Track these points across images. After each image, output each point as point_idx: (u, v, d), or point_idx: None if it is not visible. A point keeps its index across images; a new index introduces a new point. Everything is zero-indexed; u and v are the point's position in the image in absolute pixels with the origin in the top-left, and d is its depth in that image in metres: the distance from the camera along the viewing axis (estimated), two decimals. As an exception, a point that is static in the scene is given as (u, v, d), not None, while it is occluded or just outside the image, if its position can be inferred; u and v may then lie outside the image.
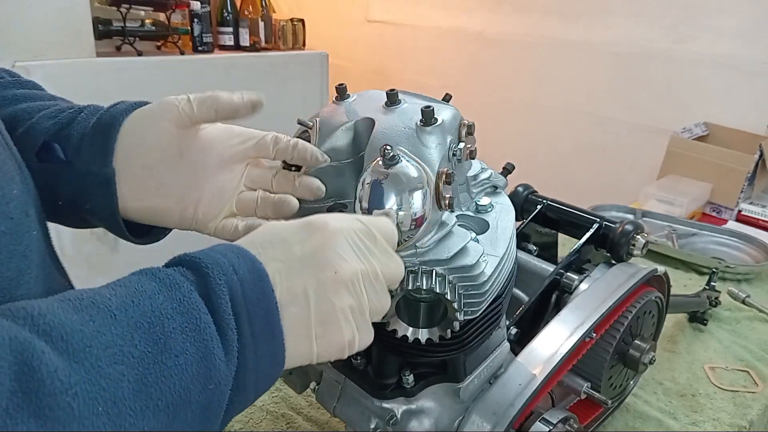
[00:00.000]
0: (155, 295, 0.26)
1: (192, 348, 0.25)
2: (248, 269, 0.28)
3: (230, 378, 0.27)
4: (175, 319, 0.25)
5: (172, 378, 0.24)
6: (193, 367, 0.25)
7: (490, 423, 0.45)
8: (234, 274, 0.27)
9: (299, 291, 0.30)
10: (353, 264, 0.31)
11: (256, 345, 0.28)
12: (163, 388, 0.24)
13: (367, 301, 0.32)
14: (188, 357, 0.25)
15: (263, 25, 1.89)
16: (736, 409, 0.71)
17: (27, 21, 1.31)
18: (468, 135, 0.41)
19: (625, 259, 0.60)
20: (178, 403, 0.24)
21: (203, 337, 0.25)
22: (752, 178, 1.30)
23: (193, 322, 0.25)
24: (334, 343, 0.31)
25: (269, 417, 0.67)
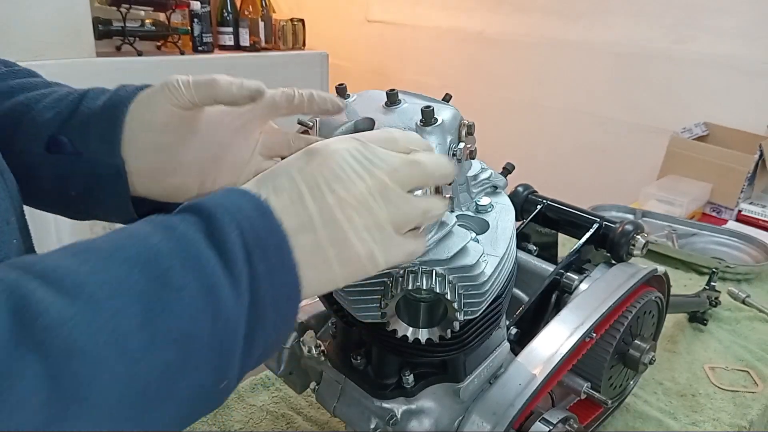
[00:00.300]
0: (150, 235, 0.25)
1: (194, 282, 0.24)
2: (253, 207, 0.28)
3: (242, 313, 0.26)
4: (173, 256, 0.24)
5: (177, 311, 0.23)
6: (198, 300, 0.24)
7: (490, 423, 0.45)
8: (239, 212, 0.27)
9: (305, 219, 0.29)
10: (355, 182, 0.30)
11: (272, 278, 0.27)
12: (169, 321, 0.23)
13: (383, 215, 0.31)
14: (191, 291, 0.24)
15: (263, 25, 1.90)
16: (736, 409, 0.71)
17: (27, 21, 1.31)
18: (468, 135, 0.41)
19: (625, 259, 0.60)
20: (187, 337, 0.24)
21: (205, 271, 0.25)
22: (752, 178, 1.30)
23: (193, 258, 0.25)
24: (352, 261, 0.30)
25: (269, 417, 0.67)
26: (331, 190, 0.30)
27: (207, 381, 0.25)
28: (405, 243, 0.32)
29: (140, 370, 0.22)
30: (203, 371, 0.25)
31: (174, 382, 0.24)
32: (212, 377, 0.25)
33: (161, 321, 0.23)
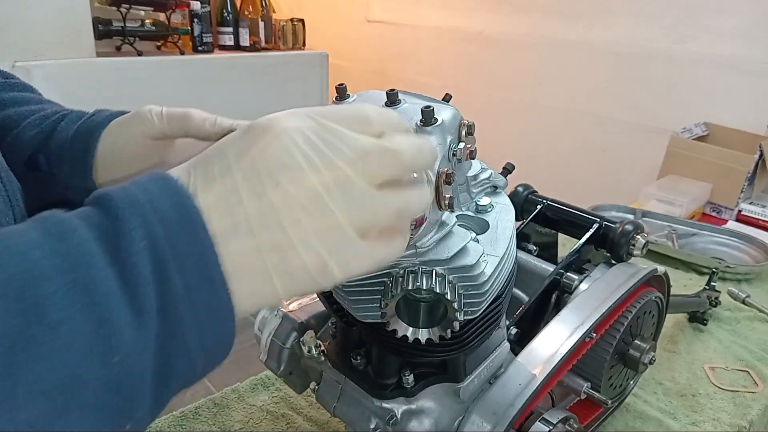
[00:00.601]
0: (33, 249, 0.20)
1: (79, 315, 0.19)
2: (172, 204, 0.22)
3: (148, 346, 0.21)
4: (55, 280, 0.19)
5: (50, 356, 0.19)
6: (80, 338, 0.19)
7: (490, 423, 0.45)
8: (153, 213, 0.22)
9: (240, 219, 0.24)
10: (307, 173, 0.24)
11: (191, 297, 0.22)
12: (37, 368, 0.19)
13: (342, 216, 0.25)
14: (73, 325, 0.19)
15: (263, 25, 1.90)
16: (736, 409, 0.71)
17: (27, 21, 1.32)
18: (468, 135, 0.41)
19: (625, 259, 0.60)
20: (67, 385, 0.19)
21: (94, 299, 0.20)
22: (752, 178, 1.30)
23: (79, 282, 0.20)
24: (297, 273, 0.24)
25: (269, 417, 0.67)
26: (275, 183, 0.24)
27: (102, 427, 0.21)
28: (372, 249, 0.26)
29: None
30: (93, 419, 0.20)
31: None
32: (109, 422, 0.21)
33: (26, 369, 0.18)
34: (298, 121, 0.25)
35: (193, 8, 1.72)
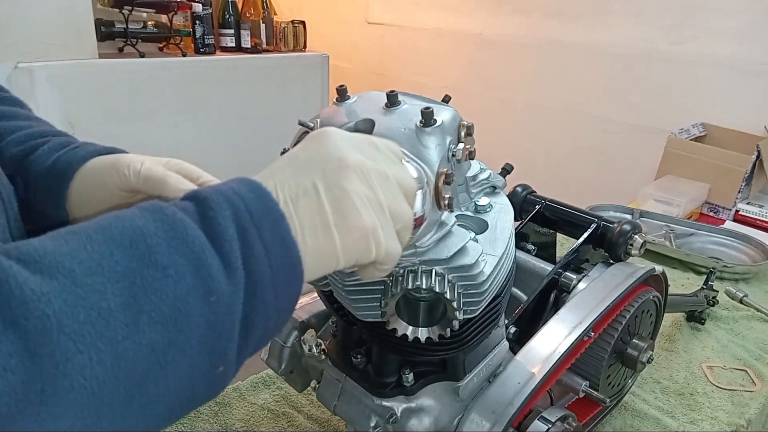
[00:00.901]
0: (136, 217, 0.24)
1: (181, 260, 0.23)
2: (248, 188, 0.27)
3: (237, 292, 0.25)
4: (159, 235, 0.23)
5: (163, 290, 0.23)
6: (185, 279, 0.23)
7: (489, 421, 0.46)
8: (233, 193, 0.26)
9: (307, 184, 0.29)
10: (357, 155, 0.30)
11: (269, 258, 0.26)
12: (154, 299, 0.22)
13: (382, 196, 0.30)
14: (178, 269, 0.23)
15: (264, 26, 1.90)
16: (733, 408, 0.71)
17: (29, 22, 1.32)
18: (467, 136, 0.42)
19: (623, 258, 0.60)
20: (176, 317, 0.23)
21: (192, 249, 0.24)
22: (749, 179, 1.30)
23: (179, 237, 0.24)
24: (354, 228, 0.29)
25: (270, 415, 0.68)
26: (337, 161, 0.29)
27: (201, 363, 0.24)
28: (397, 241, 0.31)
29: (124, 351, 0.21)
30: (196, 353, 0.24)
31: (163, 363, 0.23)
32: (207, 360, 0.24)
33: (145, 300, 0.22)
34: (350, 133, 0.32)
35: (195, 10, 1.72)
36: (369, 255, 0.30)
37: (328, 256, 0.29)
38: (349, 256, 0.29)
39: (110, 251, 0.22)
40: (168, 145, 1.59)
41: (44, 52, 1.34)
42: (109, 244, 0.23)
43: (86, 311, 0.21)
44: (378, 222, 0.29)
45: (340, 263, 0.29)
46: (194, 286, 0.23)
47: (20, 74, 1.31)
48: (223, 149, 1.73)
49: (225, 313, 0.24)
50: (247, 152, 1.73)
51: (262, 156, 0.46)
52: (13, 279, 0.20)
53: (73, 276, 0.21)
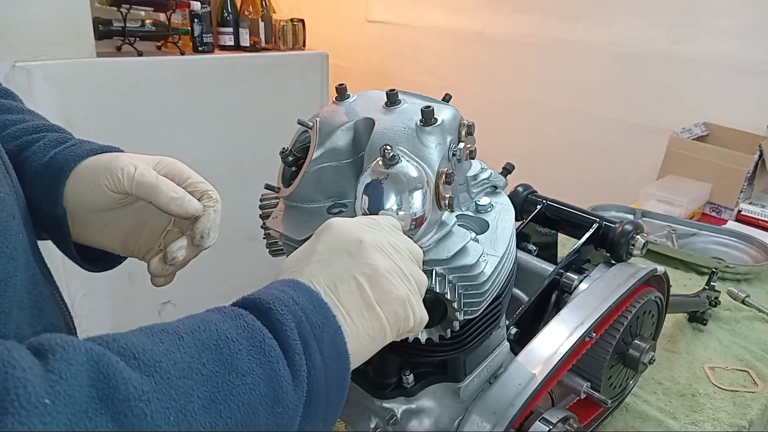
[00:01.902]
0: (220, 322, 0.26)
1: (258, 369, 0.25)
2: (306, 298, 0.29)
3: (299, 403, 0.27)
4: (241, 342, 0.25)
5: (240, 397, 0.24)
6: (260, 387, 0.25)
7: (490, 422, 0.45)
8: (295, 304, 0.28)
9: (340, 270, 0.31)
10: (372, 235, 0.32)
11: (326, 370, 0.28)
12: (232, 406, 0.24)
13: (403, 265, 0.33)
14: (255, 377, 0.25)
15: (263, 25, 1.90)
16: (735, 409, 0.71)
17: (27, 21, 1.32)
18: (468, 135, 0.41)
19: (625, 258, 0.60)
20: (246, 424, 0.25)
21: (269, 359, 0.26)
22: (752, 179, 1.30)
23: (257, 345, 0.26)
24: (394, 300, 0.31)
25: (269, 417, 0.67)
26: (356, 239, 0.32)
27: None
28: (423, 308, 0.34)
29: None
30: None
31: None
32: None
33: (225, 405, 0.24)
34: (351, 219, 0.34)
35: (194, 8, 1.71)
36: (408, 323, 0.32)
37: (377, 332, 0.31)
38: (395, 328, 0.31)
39: (199, 354, 0.24)
40: (166, 144, 1.59)
41: (42, 51, 1.34)
42: (198, 347, 0.25)
43: (176, 413, 0.22)
44: (409, 290, 0.32)
45: (387, 337, 0.31)
46: (266, 395, 0.25)
47: (18, 73, 1.30)
48: (221, 148, 1.72)
49: (286, 423, 0.26)
50: (246, 151, 1.72)
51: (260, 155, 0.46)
52: (119, 375, 0.21)
53: (168, 378, 0.23)
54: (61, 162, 0.41)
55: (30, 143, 0.42)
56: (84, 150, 0.41)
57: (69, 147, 0.42)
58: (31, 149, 0.42)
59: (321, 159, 0.43)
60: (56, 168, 0.40)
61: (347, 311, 0.30)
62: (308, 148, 0.43)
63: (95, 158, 0.41)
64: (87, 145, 0.42)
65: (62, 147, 0.42)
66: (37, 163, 0.41)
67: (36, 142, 0.42)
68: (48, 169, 0.41)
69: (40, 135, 0.43)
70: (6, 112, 0.44)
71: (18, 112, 0.45)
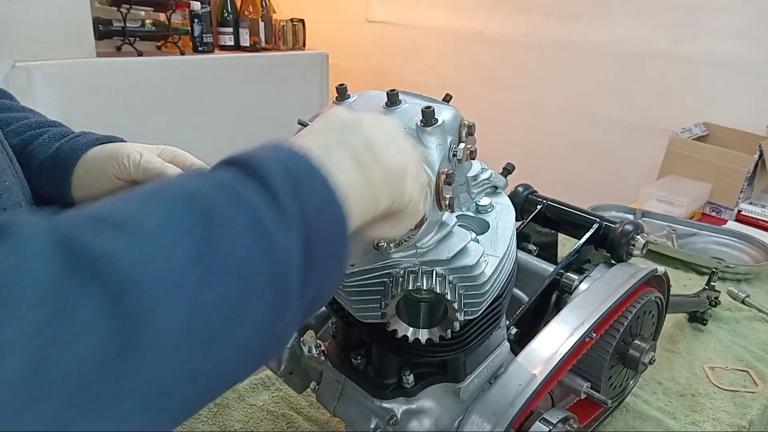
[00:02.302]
0: (186, 182, 0.24)
1: (240, 217, 0.23)
2: (288, 154, 0.27)
3: (295, 247, 0.25)
4: (214, 195, 0.23)
5: (227, 244, 0.22)
6: (247, 233, 0.23)
7: (490, 423, 0.45)
8: (277, 158, 0.26)
9: (334, 139, 0.30)
10: (374, 119, 0.32)
11: (320, 213, 0.26)
12: (221, 253, 0.22)
13: (403, 141, 0.32)
14: (238, 224, 0.23)
15: (263, 25, 1.90)
16: (735, 409, 0.71)
17: (27, 21, 1.32)
18: (468, 135, 0.41)
19: (625, 259, 0.60)
20: (242, 269, 0.23)
21: (250, 206, 0.24)
22: (752, 179, 1.30)
23: (234, 195, 0.24)
24: (390, 161, 0.30)
25: (269, 417, 0.67)
26: (354, 120, 0.31)
27: (266, 318, 0.24)
28: (421, 192, 0.33)
29: (199, 304, 0.21)
30: (261, 307, 0.24)
31: (234, 318, 0.22)
32: (271, 315, 0.24)
33: (214, 254, 0.22)
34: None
35: (194, 8, 1.72)
36: (402, 199, 0.31)
37: (369, 196, 0.29)
38: (387, 194, 0.30)
39: (171, 210, 0.22)
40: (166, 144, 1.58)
41: (42, 51, 1.34)
42: (168, 204, 0.22)
43: (161, 264, 0.20)
44: (407, 161, 0.31)
45: (379, 204, 0.30)
46: (257, 241, 0.23)
47: (18, 73, 1.30)
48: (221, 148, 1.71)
49: (285, 267, 0.24)
50: (247, 151, 1.72)
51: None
52: (86, 234, 0.19)
53: (144, 229, 0.20)
54: (68, 152, 0.41)
55: (34, 137, 0.43)
56: (89, 140, 0.42)
57: (74, 138, 0.43)
58: (35, 143, 0.42)
59: (321, 159, 0.43)
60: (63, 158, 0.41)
61: (340, 169, 0.28)
62: (308, 148, 0.43)
63: (100, 147, 0.41)
64: (91, 135, 0.43)
65: (67, 138, 0.43)
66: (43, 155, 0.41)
67: (40, 136, 0.43)
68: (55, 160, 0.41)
69: (44, 129, 0.44)
70: (7, 111, 0.45)
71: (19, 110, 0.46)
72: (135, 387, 0.19)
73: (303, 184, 0.26)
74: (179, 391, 0.21)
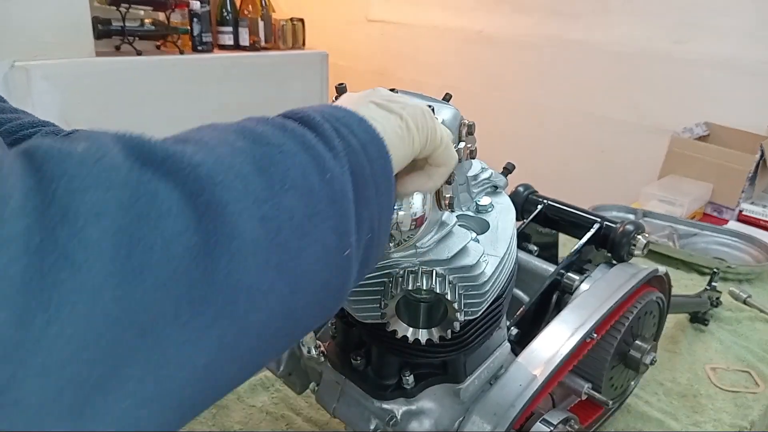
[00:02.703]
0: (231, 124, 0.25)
1: (291, 141, 0.24)
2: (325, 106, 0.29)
3: (346, 175, 0.26)
4: (262, 126, 0.24)
5: (284, 162, 0.23)
6: (300, 155, 0.24)
7: (491, 424, 0.45)
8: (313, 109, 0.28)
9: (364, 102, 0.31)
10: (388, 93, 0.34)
11: (365, 151, 0.27)
12: (281, 169, 0.23)
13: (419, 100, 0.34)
14: (291, 147, 0.24)
15: (263, 24, 1.89)
16: (737, 410, 0.71)
17: (26, 21, 1.31)
18: (468, 135, 0.41)
19: (626, 259, 0.60)
20: (303, 187, 0.23)
21: (296, 134, 0.25)
22: (753, 178, 1.29)
23: (280, 127, 0.25)
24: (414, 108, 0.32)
25: (269, 418, 0.67)
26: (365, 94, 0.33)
27: (332, 242, 0.25)
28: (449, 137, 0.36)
29: (268, 212, 0.21)
30: (326, 228, 0.24)
31: (301, 234, 0.23)
32: (335, 239, 0.25)
33: (273, 170, 0.22)
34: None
35: (193, 8, 1.71)
36: (435, 136, 0.32)
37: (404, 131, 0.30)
38: (422, 133, 0.31)
39: (225, 135, 0.23)
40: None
41: (41, 50, 1.34)
42: (220, 131, 0.23)
43: (225, 171, 0.20)
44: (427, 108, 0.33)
45: (414, 142, 0.31)
46: (309, 162, 0.24)
47: (17, 73, 1.30)
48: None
49: (341, 191, 0.25)
50: (247, 151, 1.72)
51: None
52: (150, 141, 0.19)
53: (204, 143, 0.21)
54: None
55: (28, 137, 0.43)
56: None
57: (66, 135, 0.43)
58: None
59: (320, 158, 0.42)
60: None
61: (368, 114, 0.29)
62: (307, 147, 0.43)
63: None
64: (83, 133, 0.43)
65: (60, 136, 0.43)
66: None
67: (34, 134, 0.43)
68: None
69: (37, 129, 0.44)
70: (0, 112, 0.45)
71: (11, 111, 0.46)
72: (221, 285, 0.19)
73: (342, 123, 0.27)
74: (258, 304, 0.21)
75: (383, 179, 0.28)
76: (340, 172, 0.25)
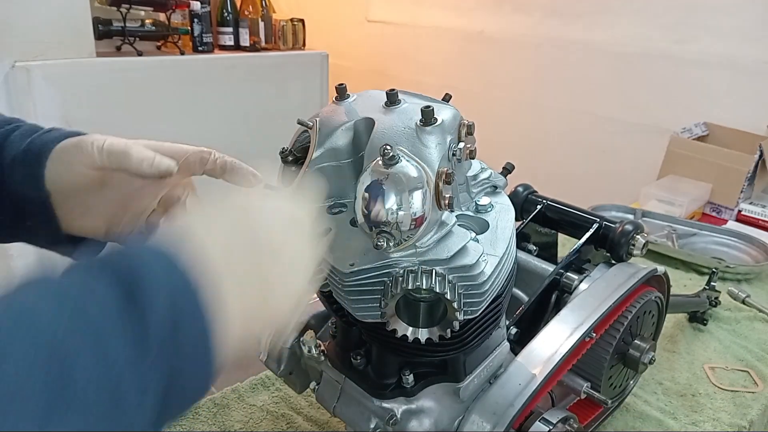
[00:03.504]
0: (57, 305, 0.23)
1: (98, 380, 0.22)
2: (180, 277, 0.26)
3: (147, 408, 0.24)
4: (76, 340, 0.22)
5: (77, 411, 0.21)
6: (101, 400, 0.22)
7: (490, 423, 0.45)
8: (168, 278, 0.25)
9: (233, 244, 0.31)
10: None
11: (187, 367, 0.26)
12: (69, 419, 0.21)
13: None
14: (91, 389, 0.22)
15: (263, 25, 1.90)
16: (736, 409, 0.71)
17: (27, 21, 1.32)
18: (468, 135, 0.41)
19: (625, 259, 0.60)
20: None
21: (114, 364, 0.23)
22: (752, 178, 1.30)
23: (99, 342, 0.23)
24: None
25: (269, 417, 0.67)
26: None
27: None
28: None
29: None
30: None
31: None
32: None
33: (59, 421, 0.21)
34: None
35: (193, 8, 1.72)
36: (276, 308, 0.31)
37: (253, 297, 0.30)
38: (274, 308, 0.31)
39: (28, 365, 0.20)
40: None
41: (42, 50, 1.34)
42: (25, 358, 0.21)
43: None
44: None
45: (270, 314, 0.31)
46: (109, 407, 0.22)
47: (17, 73, 1.30)
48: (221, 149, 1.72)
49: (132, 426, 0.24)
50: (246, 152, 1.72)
51: (260, 155, 0.46)
52: None
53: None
54: (39, 145, 0.42)
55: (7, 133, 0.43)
56: (60, 134, 0.42)
57: (45, 132, 0.43)
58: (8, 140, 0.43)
59: (321, 159, 0.43)
60: (35, 152, 0.41)
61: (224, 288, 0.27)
62: (308, 148, 0.43)
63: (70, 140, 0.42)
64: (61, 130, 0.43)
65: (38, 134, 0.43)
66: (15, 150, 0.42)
67: (12, 132, 0.43)
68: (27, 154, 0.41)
69: (15, 126, 0.44)
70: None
71: None
72: None
73: (181, 328, 0.25)
74: None
75: (195, 396, 0.28)
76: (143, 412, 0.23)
